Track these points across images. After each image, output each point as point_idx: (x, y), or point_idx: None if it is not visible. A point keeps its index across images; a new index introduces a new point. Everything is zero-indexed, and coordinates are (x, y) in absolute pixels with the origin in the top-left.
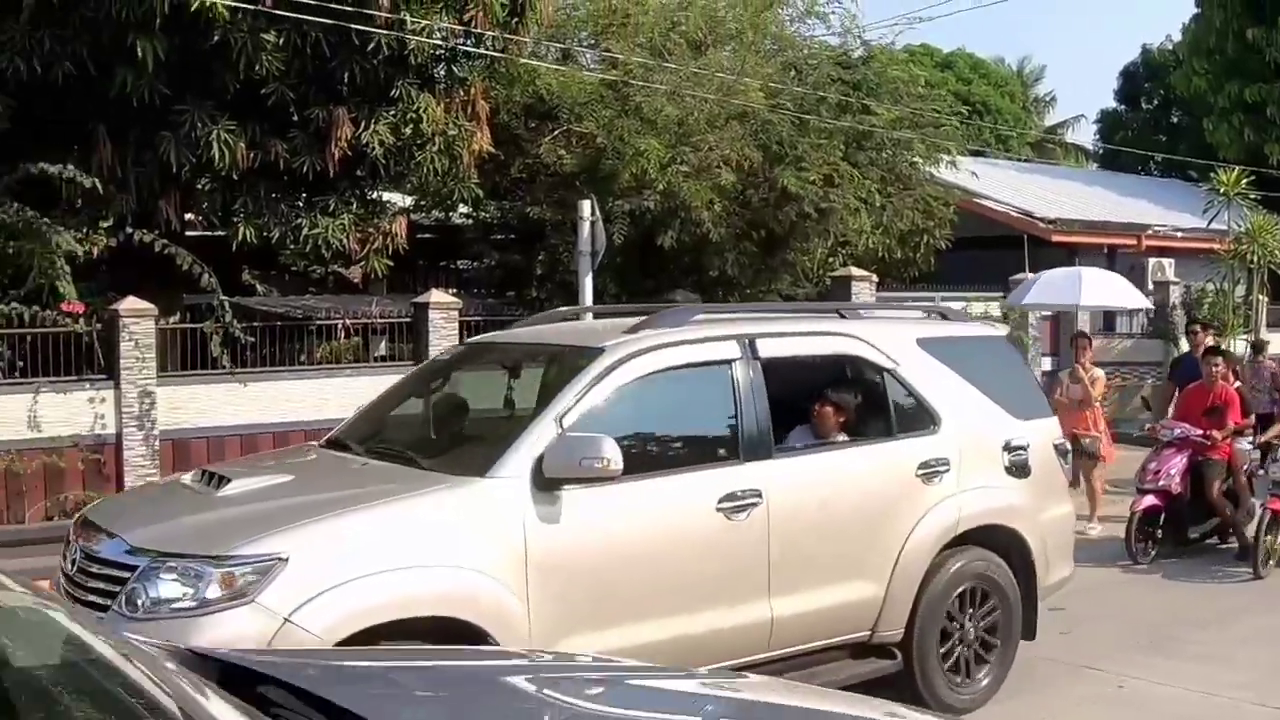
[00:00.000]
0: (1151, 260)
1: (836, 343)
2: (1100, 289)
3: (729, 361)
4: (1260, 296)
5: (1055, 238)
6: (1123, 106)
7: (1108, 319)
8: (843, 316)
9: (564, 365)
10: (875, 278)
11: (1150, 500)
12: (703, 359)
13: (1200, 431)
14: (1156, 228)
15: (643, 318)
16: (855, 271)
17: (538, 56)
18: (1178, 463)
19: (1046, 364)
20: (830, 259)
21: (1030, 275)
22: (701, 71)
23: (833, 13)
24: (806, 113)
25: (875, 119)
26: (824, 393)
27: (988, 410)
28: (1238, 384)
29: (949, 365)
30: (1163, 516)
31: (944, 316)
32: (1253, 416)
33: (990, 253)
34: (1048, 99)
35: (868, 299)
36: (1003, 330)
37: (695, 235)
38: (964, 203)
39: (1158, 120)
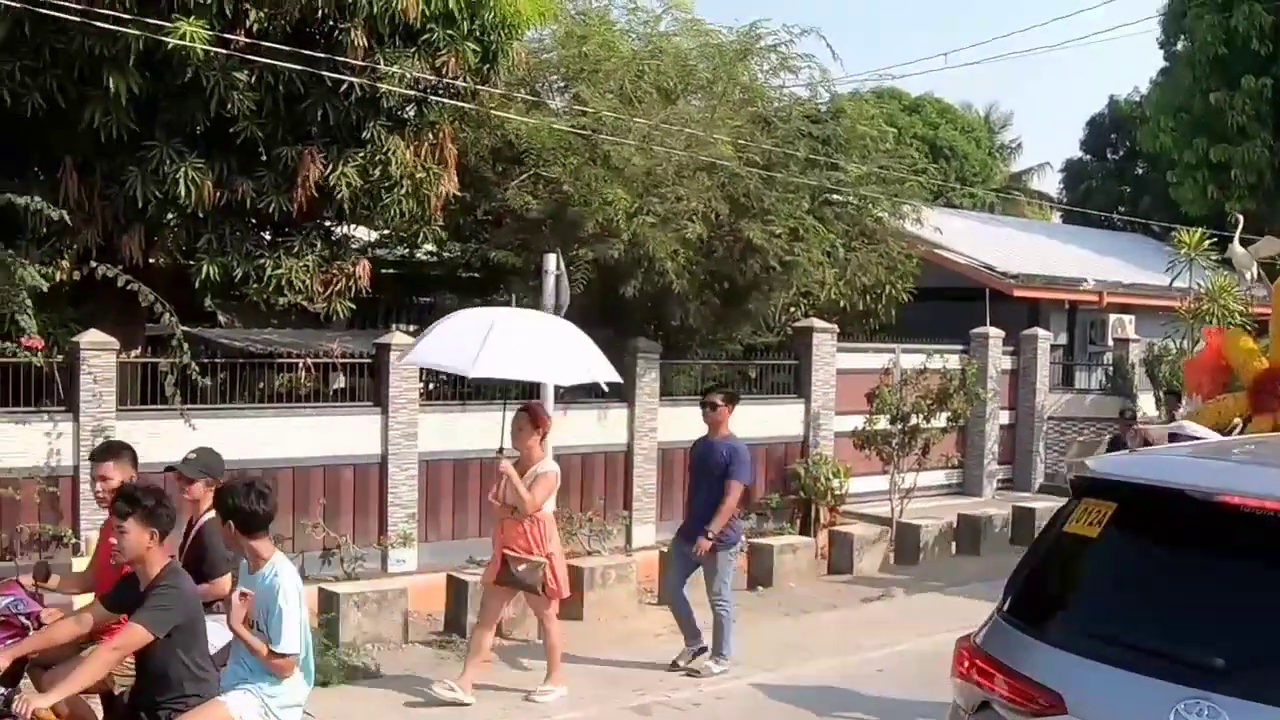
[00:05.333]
0: (1113, 316)
1: None
2: (504, 358)
3: None
4: None
5: (1017, 292)
6: (1088, 156)
7: (1067, 372)
8: None
9: None
10: (836, 329)
11: None
12: None
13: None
14: (1118, 284)
15: None
16: (817, 323)
17: (508, 101)
18: None
19: (1004, 418)
20: (792, 308)
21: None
22: (669, 125)
23: (806, 66)
24: (775, 166)
25: (843, 175)
26: None
27: None
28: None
29: None
30: None
31: None
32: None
33: (952, 305)
34: (1014, 145)
35: (828, 350)
36: None
37: (658, 284)
38: (927, 255)
39: (1122, 171)
